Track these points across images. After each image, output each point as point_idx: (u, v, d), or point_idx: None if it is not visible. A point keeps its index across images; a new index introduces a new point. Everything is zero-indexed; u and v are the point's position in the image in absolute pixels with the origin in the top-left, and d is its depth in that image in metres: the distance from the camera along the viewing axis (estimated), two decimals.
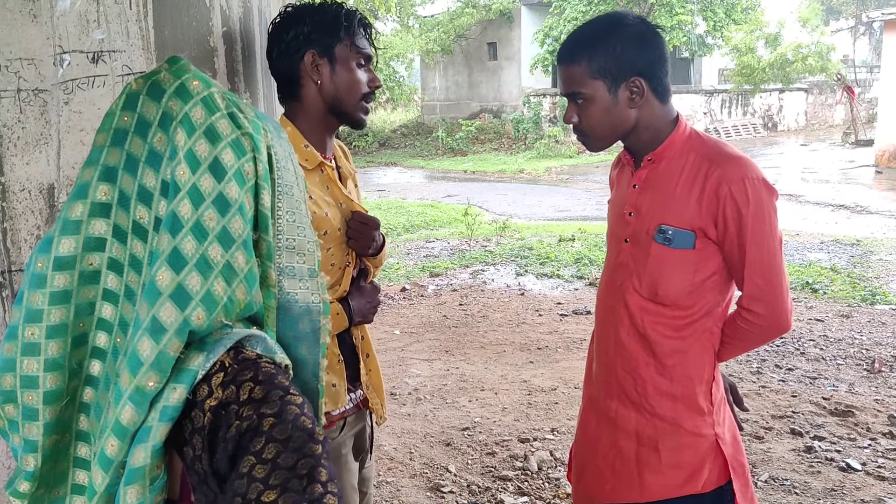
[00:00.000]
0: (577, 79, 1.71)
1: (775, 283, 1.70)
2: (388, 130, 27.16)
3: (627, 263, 1.80)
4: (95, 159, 0.91)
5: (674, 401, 1.77)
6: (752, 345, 1.85)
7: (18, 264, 1.42)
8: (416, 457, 3.89)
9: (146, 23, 1.58)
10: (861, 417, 4.24)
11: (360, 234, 1.84)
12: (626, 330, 1.80)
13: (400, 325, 6.32)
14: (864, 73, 29.67)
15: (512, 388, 4.83)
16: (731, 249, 1.69)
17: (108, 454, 0.85)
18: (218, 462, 0.84)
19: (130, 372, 0.84)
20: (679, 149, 1.74)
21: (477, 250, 9.22)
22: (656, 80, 1.72)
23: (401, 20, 25.91)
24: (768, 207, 1.67)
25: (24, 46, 1.39)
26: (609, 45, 1.68)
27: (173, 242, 0.85)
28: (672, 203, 1.71)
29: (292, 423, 0.83)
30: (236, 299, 0.90)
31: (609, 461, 1.86)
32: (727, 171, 1.66)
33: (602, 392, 1.89)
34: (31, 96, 1.41)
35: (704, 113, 23.87)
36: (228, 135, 0.88)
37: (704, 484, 1.76)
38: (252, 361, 0.89)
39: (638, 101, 1.71)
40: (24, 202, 1.42)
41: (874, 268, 7.74)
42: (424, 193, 15.51)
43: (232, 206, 0.88)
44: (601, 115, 1.72)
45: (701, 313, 1.75)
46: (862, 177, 15.54)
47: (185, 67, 0.91)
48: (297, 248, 0.99)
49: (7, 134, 1.39)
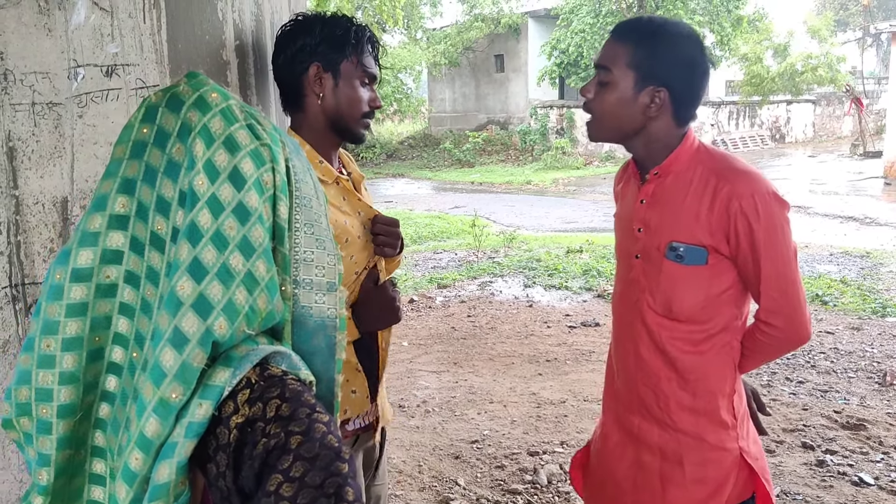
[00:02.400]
0: (616, 57, 1.69)
1: (792, 296, 1.68)
2: (395, 142, 27.22)
3: (640, 280, 1.78)
4: (114, 171, 0.91)
5: (696, 415, 1.75)
6: (772, 356, 1.83)
7: (32, 277, 1.42)
8: (424, 470, 3.87)
9: (160, 36, 1.58)
10: (873, 431, 4.21)
11: (387, 235, 1.84)
12: (646, 346, 1.78)
13: (408, 336, 6.31)
14: (872, 84, 29.60)
15: (521, 401, 4.81)
16: (746, 265, 1.68)
17: (132, 468, 0.85)
18: (243, 479, 0.84)
19: (154, 383, 0.83)
20: (686, 162, 1.72)
21: (485, 262, 9.21)
22: (681, 103, 1.71)
23: (409, 33, 26.03)
24: (780, 220, 1.66)
25: (39, 60, 1.39)
26: (663, 47, 1.67)
27: (193, 252, 0.85)
28: (681, 219, 1.70)
29: (319, 442, 0.82)
30: (258, 308, 0.89)
31: (630, 476, 1.84)
32: (737, 187, 1.64)
33: (624, 407, 1.87)
34: (45, 109, 1.41)
35: (712, 124, 23.85)
36: (248, 145, 0.88)
37: (728, 498, 1.74)
38: (278, 378, 0.88)
39: (654, 110, 1.69)
40: (37, 215, 1.42)
41: (884, 280, 7.70)
42: (432, 205, 15.52)
43: (252, 215, 0.87)
44: (615, 102, 1.70)
45: (718, 328, 1.73)
46: (871, 188, 15.49)
47: (204, 81, 0.91)
48: (314, 262, 0.98)
49: (21, 147, 1.39)
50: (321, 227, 0.99)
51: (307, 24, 1.77)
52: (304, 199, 0.97)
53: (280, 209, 0.93)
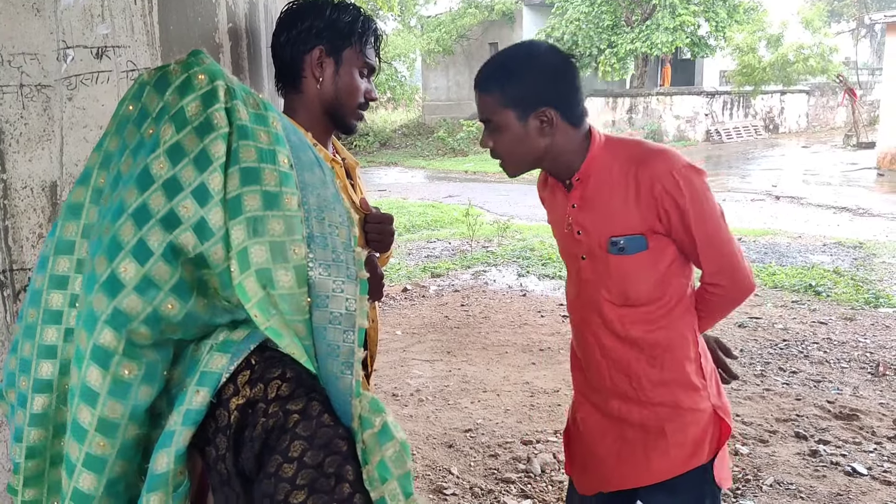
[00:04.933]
0: (490, 107, 1.76)
1: (729, 255, 1.79)
2: (389, 130, 27.13)
3: (591, 279, 1.86)
4: (100, 145, 0.89)
5: (669, 386, 1.85)
6: (725, 312, 1.95)
7: (20, 263, 1.40)
8: (418, 458, 3.86)
9: (151, 18, 1.55)
10: (866, 421, 4.22)
11: (380, 233, 1.82)
12: (608, 337, 1.87)
13: (401, 325, 6.29)
14: (866, 75, 29.64)
15: (514, 390, 4.81)
16: (680, 237, 1.76)
17: (96, 454, 0.82)
18: (243, 462, 0.82)
19: (87, 330, 0.80)
20: (601, 161, 1.80)
21: (478, 251, 9.19)
22: (567, 109, 1.76)
23: (402, 20, 25.90)
24: (701, 189, 1.73)
25: (27, 41, 1.36)
26: (520, 76, 1.73)
27: (139, 234, 0.80)
28: (615, 215, 1.77)
29: (317, 420, 0.80)
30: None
31: (614, 451, 1.92)
32: (655, 169, 1.72)
33: (600, 394, 1.94)
34: (33, 92, 1.38)
35: (706, 114, 23.83)
36: (222, 127, 0.84)
37: (708, 453, 1.85)
38: (278, 359, 0.86)
39: (548, 130, 1.75)
40: (25, 200, 1.39)
41: (877, 270, 7.71)
42: (425, 194, 15.48)
43: (213, 196, 0.82)
44: (512, 142, 1.78)
45: (674, 300, 1.83)
46: (864, 179, 15.51)
47: (197, 62, 0.87)
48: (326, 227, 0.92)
49: (9, 130, 1.36)
50: (332, 210, 0.92)
51: (316, 5, 1.75)
52: (300, 174, 0.91)
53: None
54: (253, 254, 0.82)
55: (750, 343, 5.60)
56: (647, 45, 21.89)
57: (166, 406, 0.86)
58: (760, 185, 14.90)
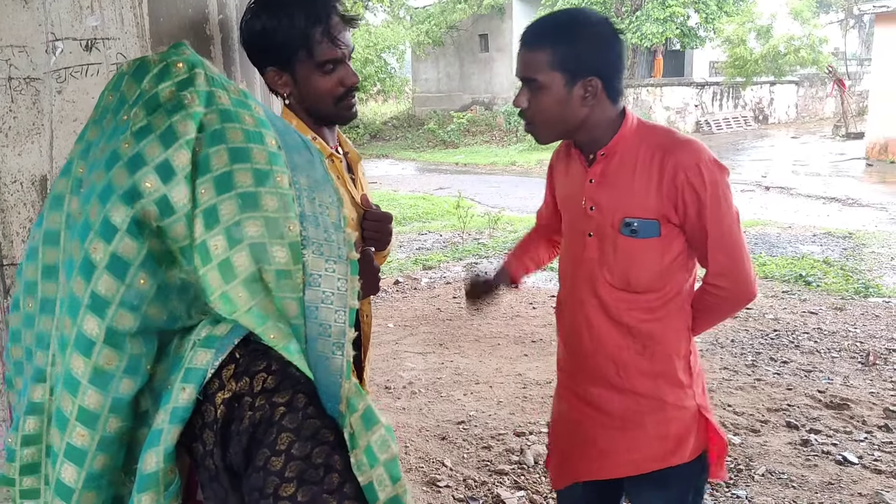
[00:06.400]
0: (537, 65, 1.73)
1: (737, 257, 1.77)
2: (379, 122, 27.05)
3: (594, 257, 1.84)
4: (82, 136, 0.89)
5: (655, 378, 1.84)
6: (722, 316, 1.94)
7: (11, 258, 1.38)
8: (411, 451, 3.87)
9: (141, 9, 1.54)
10: (857, 410, 4.24)
11: (378, 231, 1.80)
12: (601, 320, 1.85)
13: (393, 318, 6.28)
14: (855, 65, 29.73)
15: (507, 382, 4.81)
16: (693, 231, 1.76)
17: (77, 445, 0.81)
18: (231, 457, 0.81)
19: (71, 317, 0.80)
20: (630, 141, 1.79)
21: (470, 243, 9.19)
22: (611, 82, 1.76)
23: (392, 11, 25.78)
24: (723, 187, 1.73)
25: (16, 33, 1.34)
26: (574, 40, 1.71)
27: (104, 210, 0.80)
28: (633, 195, 1.76)
29: (303, 412, 0.80)
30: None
31: (593, 441, 1.91)
32: (681, 158, 1.72)
33: (579, 380, 1.93)
34: (22, 85, 1.36)
35: (696, 105, 23.86)
36: (194, 106, 0.82)
37: (690, 453, 1.85)
38: (262, 352, 0.85)
39: (590, 100, 1.74)
40: (15, 194, 1.38)
41: (867, 260, 7.75)
42: (416, 186, 15.45)
43: (178, 174, 0.80)
44: (552, 106, 1.75)
45: (672, 293, 1.82)
46: (852, 169, 15.58)
47: (179, 52, 0.86)
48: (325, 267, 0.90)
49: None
50: (322, 191, 0.91)
51: (255, 23, 1.66)
52: (294, 167, 0.90)
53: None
54: (247, 228, 0.82)
55: (741, 333, 5.62)
56: (637, 36, 21.88)
57: (151, 405, 0.85)
58: (750, 175, 14.93)
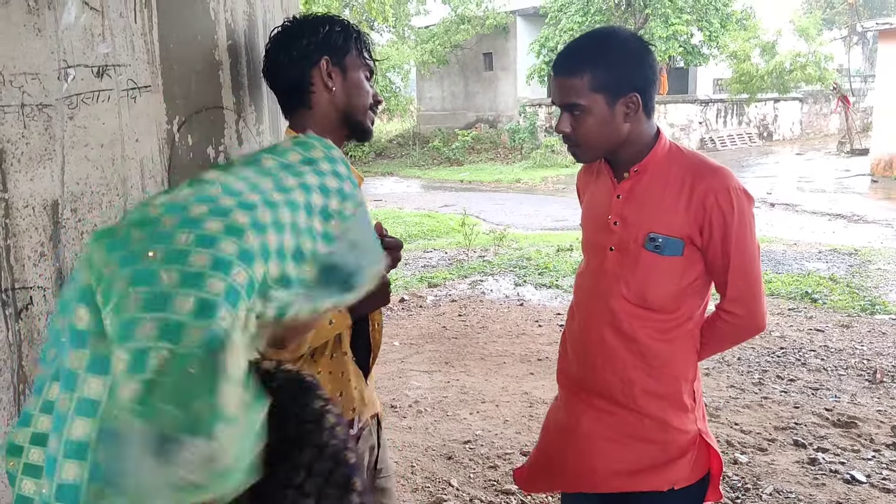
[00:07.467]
0: (578, 90, 1.75)
1: (754, 286, 1.81)
2: (384, 140, 27.13)
3: (613, 271, 1.86)
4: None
5: (661, 399, 1.86)
6: (729, 344, 2.00)
7: (22, 282, 1.40)
8: (417, 471, 3.86)
9: (151, 36, 1.56)
10: (864, 429, 4.22)
11: (391, 259, 1.81)
12: (614, 335, 1.87)
13: (399, 336, 6.29)
14: (859, 82, 29.79)
15: (513, 400, 4.80)
16: (715, 255, 1.78)
17: (76, 438, 0.72)
18: None
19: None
20: (661, 160, 1.83)
21: (475, 260, 9.20)
22: (648, 96, 1.80)
23: (396, 31, 25.95)
24: (749, 215, 1.77)
25: (28, 61, 1.37)
26: (611, 60, 1.75)
27: None
28: (661, 213, 1.79)
29: (329, 432, 0.83)
30: None
31: (589, 453, 1.93)
32: (712, 182, 1.75)
33: (585, 390, 1.95)
34: (34, 111, 1.38)
35: (700, 122, 23.90)
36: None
37: (689, 477, 1.87)
38: (295, 372, 0.89)
39: (632, 116, 1.78)
40: (27, 219, 1.39)
41: (873, 277, 7.74)
42: (421, 203, 15.49)
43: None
44: (598, 127, 1.78)
45: (685, 317, 1.84)
46: (857, 186, 15.58)
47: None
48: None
49: (10, 150, 1.36)
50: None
51: (308, 22, 1.78)
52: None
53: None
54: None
55: (747, 351, 5.61)
56: None
57: None
58: (755, 192, 14.79)
